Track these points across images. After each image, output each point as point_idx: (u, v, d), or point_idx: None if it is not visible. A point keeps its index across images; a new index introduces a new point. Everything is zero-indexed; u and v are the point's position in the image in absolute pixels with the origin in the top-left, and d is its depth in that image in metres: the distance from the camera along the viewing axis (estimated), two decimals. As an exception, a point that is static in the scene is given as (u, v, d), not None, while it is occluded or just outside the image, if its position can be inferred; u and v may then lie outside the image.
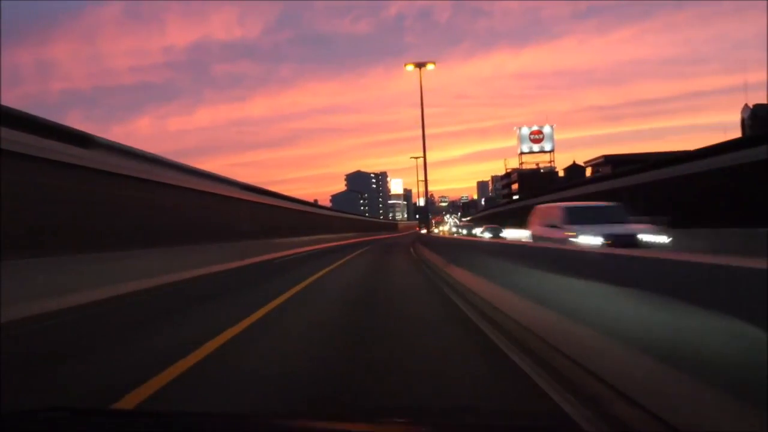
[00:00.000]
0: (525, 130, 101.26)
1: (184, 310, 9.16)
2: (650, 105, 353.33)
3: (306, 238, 36.75)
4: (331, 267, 17.82)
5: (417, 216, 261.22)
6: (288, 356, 5.36)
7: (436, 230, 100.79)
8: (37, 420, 1.63)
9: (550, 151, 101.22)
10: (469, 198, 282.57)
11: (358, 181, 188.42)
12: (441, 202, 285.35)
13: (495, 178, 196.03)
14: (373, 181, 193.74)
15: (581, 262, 5.07)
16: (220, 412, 3.17)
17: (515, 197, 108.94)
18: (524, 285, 6.29)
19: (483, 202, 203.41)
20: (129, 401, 3.74)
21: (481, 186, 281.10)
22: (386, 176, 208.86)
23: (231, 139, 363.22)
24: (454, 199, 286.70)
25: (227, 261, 18.09)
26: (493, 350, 5.09)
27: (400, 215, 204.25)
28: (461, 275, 10.61)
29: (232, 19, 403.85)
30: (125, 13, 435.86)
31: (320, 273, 15.31)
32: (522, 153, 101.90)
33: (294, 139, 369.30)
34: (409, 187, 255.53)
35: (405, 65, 30.13)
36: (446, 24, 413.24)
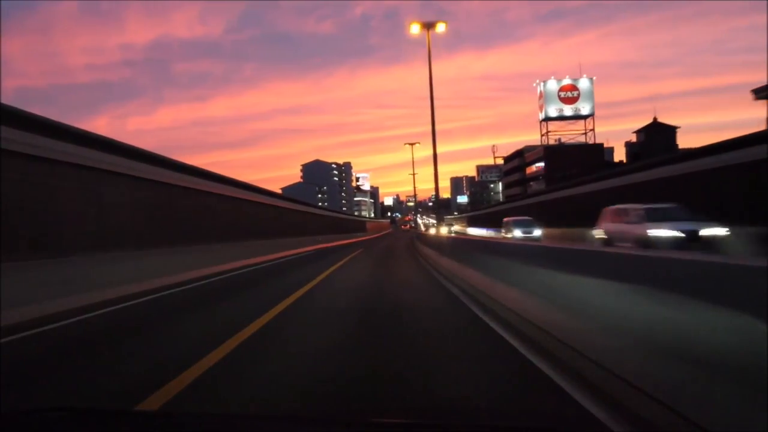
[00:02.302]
0: (552, 85, 69.93)
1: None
2: (612, 107, 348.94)
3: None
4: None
5: (389, 214, 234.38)
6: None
7: (432, 231, 70.12)
8: (37, 420, 1.63)
9: (587, 116, 70.25)
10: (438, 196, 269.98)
11: (316, 172, 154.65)
12: (408, 202, 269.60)
13: (481, 168, 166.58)
14: (335, 172, 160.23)
15: None
16: (221, 413, 3.05)
17: (532, 183, 78.02)
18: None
19: (466, 199, 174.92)
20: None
21: (455, 183, 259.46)
22: (350, 167, 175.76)
23: (192, 140, 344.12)
24: (422, 199, 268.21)
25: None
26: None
27: (367, 213, 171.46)
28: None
29: (193, 17, 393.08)
30: (82, 9, 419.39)
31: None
32: (547, 119, 70.49)
33: (257, 139, 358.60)
34: (375, 185, 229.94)
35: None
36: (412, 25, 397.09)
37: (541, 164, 69.01)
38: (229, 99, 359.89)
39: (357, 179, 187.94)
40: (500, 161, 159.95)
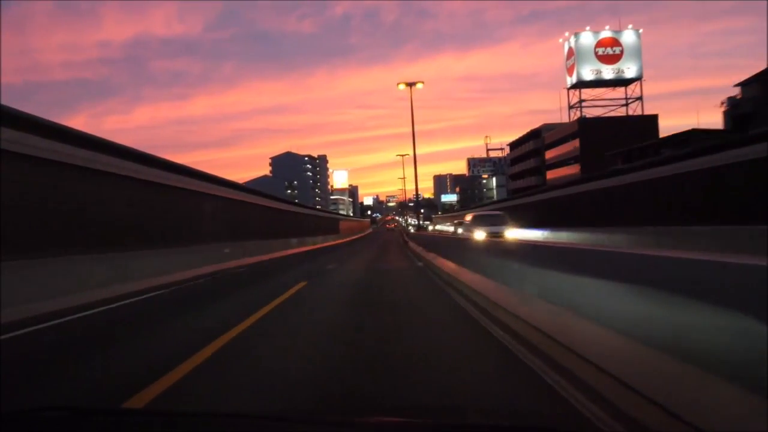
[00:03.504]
0: (587, 39, 52.79)
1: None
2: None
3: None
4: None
5: (368, 213, 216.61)
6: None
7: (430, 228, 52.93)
8: (37, 420, 1.61)
9: (633, 80, 53.38)
10: (421, 197, 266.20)
11: (287, 165, 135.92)
12: (389, 202, 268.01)
13: (472, 161, 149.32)
14: (308, 166, 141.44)
15: None
16: (223, 412, 2.83)
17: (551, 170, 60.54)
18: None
19: (455, 198, 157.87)
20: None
21: (439, 181, 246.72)
22: (326, 161, 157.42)
23: (171, 139, 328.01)
24: (401, 199, 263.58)
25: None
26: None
27: (345, 212, 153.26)
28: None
29: (171, 14, 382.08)
30: (58, 6, 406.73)
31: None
32: (580, 84, 53.45)
33: (237, 139, 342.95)
34: (354, 185, 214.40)
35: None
36: (392, 25, 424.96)
37: (571, 144, 51.93)
38: (209, 98, 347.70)
39: (332, 175, 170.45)
40: (495, 154, 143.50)
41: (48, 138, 9.26)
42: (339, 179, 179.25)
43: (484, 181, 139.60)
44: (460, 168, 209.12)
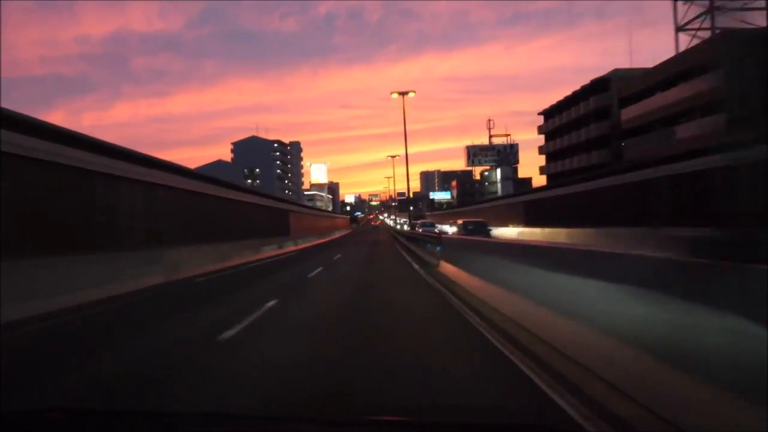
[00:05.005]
0: None
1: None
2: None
3: None
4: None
5: (348, 210, 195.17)
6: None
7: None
8: (37, 420, 1.62)
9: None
10: (404, 195, 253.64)
11: (251, 151, 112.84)
12: (371, 201, 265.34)
13: (473, 149, 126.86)
14: (277, 153, 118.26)
15: None
16: (221, 413, 2.96)
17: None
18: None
19: (449, 195, 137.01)
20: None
21: (426, 178, 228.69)
22: (299, 148, 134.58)
23: (151, 137, 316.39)
24: (384, 198, 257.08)
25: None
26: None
27: (323, 207, 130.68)
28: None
29: (152, 10, 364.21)
30: (35, 0, 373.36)
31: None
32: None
33: (218, 137, 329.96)
34: (336, 182, 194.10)
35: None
36: (376, 25, 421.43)
37: (692, 87, 30.32)
38: (190, 96, 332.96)
39: (310, 169, 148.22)
40: (499, 140, 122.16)
41: None
42: (317, 174, 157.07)
43: (487, 173, 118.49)
44: (447, 167, 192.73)
